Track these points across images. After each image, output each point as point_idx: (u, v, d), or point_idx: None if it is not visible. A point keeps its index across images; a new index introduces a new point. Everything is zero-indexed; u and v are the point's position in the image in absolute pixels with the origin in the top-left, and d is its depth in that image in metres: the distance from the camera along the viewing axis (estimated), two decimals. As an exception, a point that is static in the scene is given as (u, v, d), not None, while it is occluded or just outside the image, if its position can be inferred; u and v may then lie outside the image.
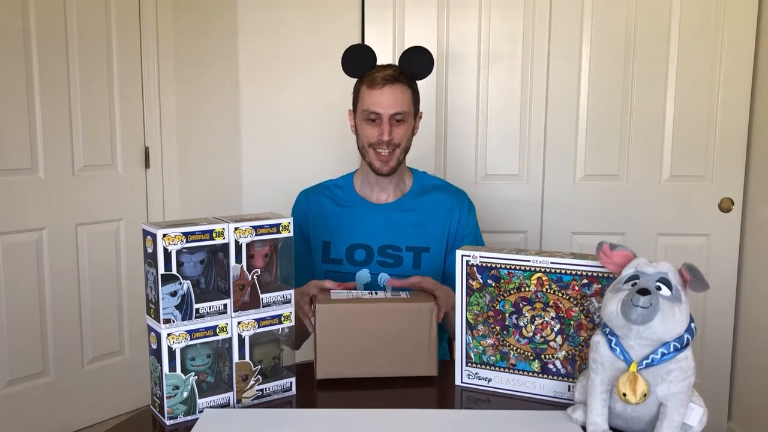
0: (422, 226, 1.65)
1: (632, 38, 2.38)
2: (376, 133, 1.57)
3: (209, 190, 2.72)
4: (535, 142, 2.45)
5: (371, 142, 1.58)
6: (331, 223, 1.65)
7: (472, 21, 2.42)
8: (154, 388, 1.19)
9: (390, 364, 1.31)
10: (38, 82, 2.39)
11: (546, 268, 1.23)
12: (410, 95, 1.60)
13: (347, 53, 1.62)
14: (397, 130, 1.57)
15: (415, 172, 1.72)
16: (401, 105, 1.56)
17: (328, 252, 1.65)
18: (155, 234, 1.11)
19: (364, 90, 1.58)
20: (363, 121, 1.59)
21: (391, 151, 1.58)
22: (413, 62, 1.62)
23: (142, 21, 2.67)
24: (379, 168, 1.59)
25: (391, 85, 1.55)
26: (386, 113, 1.55)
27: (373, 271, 1.62)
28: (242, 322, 1.20)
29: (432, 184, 1.72)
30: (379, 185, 1.66)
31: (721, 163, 2.41)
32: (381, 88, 1.55)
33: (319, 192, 1.71)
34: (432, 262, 1.64)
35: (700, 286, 1.02)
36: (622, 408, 1.06)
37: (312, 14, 2.48)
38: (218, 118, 2.64)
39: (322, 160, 2.48)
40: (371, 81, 1.56)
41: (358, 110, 1.62)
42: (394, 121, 1.56)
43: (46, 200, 2.47)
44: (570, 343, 1.23)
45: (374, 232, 1.64)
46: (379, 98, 1.55)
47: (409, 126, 1.60)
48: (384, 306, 1.32)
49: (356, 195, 1.68)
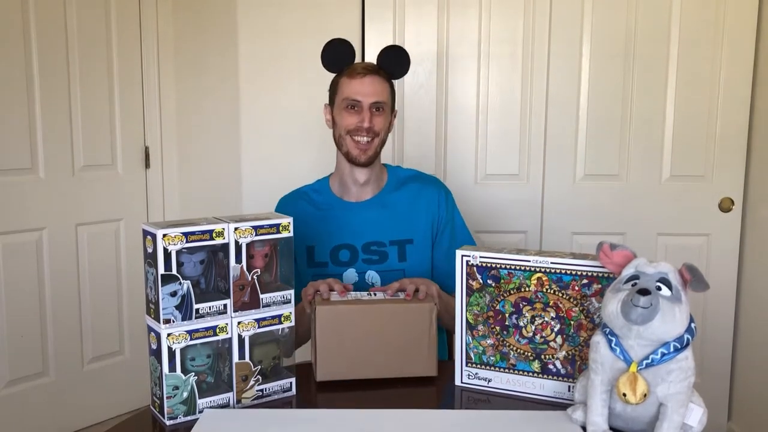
0: (403, 218, 1.66)
1: (632, 38, 2.38)
2: (356, 121, 1.57)
3: (209, 190, 2.72)
4: (535, 142, 2.45)
5: (350, 129, 1.58)
6: (312, 227, 1.64)
7: (472, 21, 2.42)
8: (154, 388, 1.19)
9: (390, 365, 1.31)
10: (38, 82, 2.39)
11: (546, 268, 1.23)
12: (389, 88, 1.62)
13: (327, 48, 1.63)
14: (376, 119, 1.58)
15: (389, 167, 1.73)
16: (381, 95, 1.58)
17: (312, 256, 1.65)
18: (155, 234, 1.11)
19: (343, 80, 1.60)
20: (342, 110, 1.59)
21: (370, 139, 1.58)
22: (391, 61, 1.64)
23: (142, 21, 2.67)
24: (357, 156, 1.59)
25: (372, 75, 1.58)
26: (366, 101, 1.57)
27: (359, 270, 1.62)
28: (242, 322, 1.20)
29: (406, 176, 1.73)
30: (356, 184, 1.66)
31: (721, 163, 2.41)
32: (362, 78, 1.57)
33: (298, 197, 1.71)
34: (417, 253, 1.65)
35: (700, 286, 1.02)
36: (622, 408, 1.06)
37: (312, 14, 2.48)
38: (218, 118, 2.64)
39: (322, 160, 2.46)
40: (352, 71, 1.59)
41: (336, 100, 1.62)
42: (374, 110, 1.58)
43: (46, 200, 2.47)
44: (570, 344, 1.23)
45: (356, 231, 1.64)
46: (359, 87, 1.57)
47: (387, 117, 1.62)
48: (383, 307, 1.32)
49: (334, 197, 1.68)
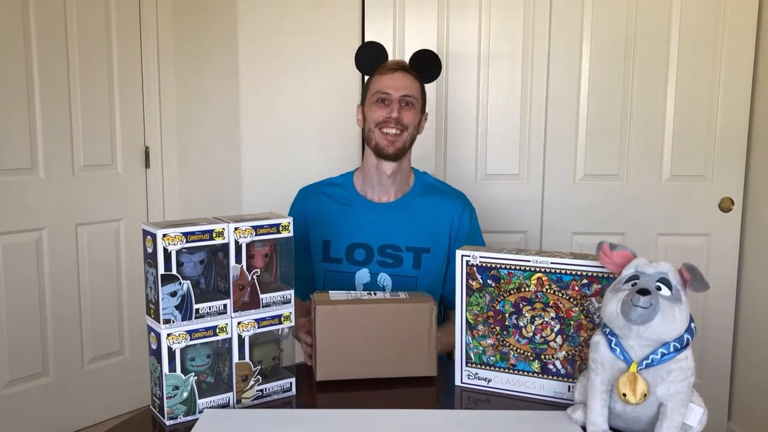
0: (423, 226, 1.64)
1: (632, 38, 2.38)
2: (385, 113, 1.59)
3: (209, 190, 2.72)
4: (535, 142, 2.45)
5: (379, 121, 1.59)
6: (331, 221, 1.65)
7: (472, 21, 2.42)
8: (154, 388, 1.19)
9: (390, 365, 1.31)
10: (38, 82, 2.39)
11: (546, 268, 1.23)
12: (419, 86, 1.64)
13: (361, 51, 1.68)
14: (405, 112, 1.59)
15: (417, 172, 1.72)
16: (410, 89, 1.60)
17: (327, 251, 1.65)
18: (155, 234, 1.11)
19: (375, 78, 1.64)
20: (372, 104, 1.62)
21: (399, 132, 1.59)
22: (423, 65, 1.67)
23: (142, 21, 2.67)
24: (385, 147, 1.59)
25: (403, 72, 1.61)
26: (396, 94, 1.59)
27: (372, 271, 1.62)
28: (242, 322, 1.20)
29: (433, 186, 1.72)
30: (381, 184, 1.65)
31: (721, 163, 2.41)
32: (393, 73, 1.61)
33: (319, 190, 1.71)
34: (432, 263, 1.64)
35: (700, 286, 1.02)
36: (622, 408, 1.06)
37: (312, 14, 2.48)
38: (218, 118, 2.64)
39: (322, 160, 2.48)
40: (383, 68, 1.63)
41: (367, 97, 1.64)
42: (404, 104, 1.60)
43: (46, 200, 2.47)
44: (570, 344, 1.23)
45: (374, 232, 1.63)
46: (389, 81, 1.60)
47: (416, 113, 1.62)
48: (383, 306, 1.32)
49: (357, 194, 1.68)
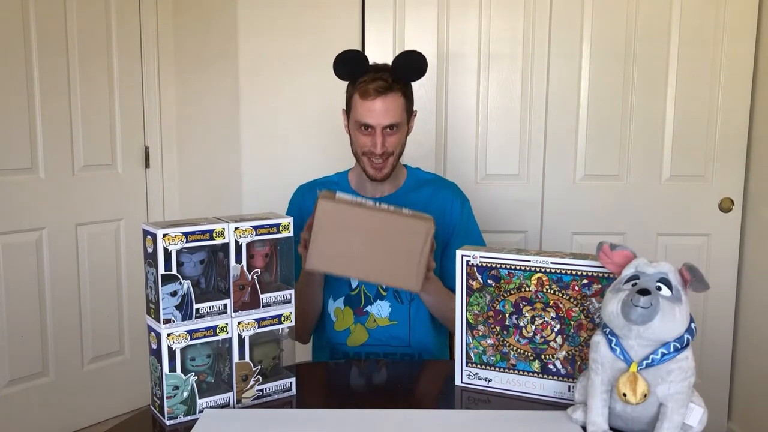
0: None
1: (632, 38, 2.38)
2: (369, 143, 1.57)
3: (209, 190, 2.72)
4: (535, 142, 2.45)
5: (364, 150, 1.60)
6: None
7: (472, 21, 2.42)
8: (154, 388, 1.19)
9: (377, 271, 1.34)
10: (38, 82, 2.39)
11: (546, 268, 1.23)
12: (403, 102, 1.58)
13: (338, 60, 1.59)
14: (390, 140, 1.58)
15: (409, 168, 1.74)
16: (393, 116, 1.56)
17: None
18: (155, 234, 1.11)
19: (356, 99, 1.57)
20: (356, 130, 1.60)
21: (385, 159, 1.59)
22: (406, 67, 1.60)
23: (142, 21, 2.67)
24: (373, 175, 1.61)
25: (383, 96, 1.54)
26: (379, 125, 1.55)
27: None
28: (242, 322, 1.20)
29: (425, 179, 1.74)
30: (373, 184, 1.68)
31: (721, 163, 2.41)
32: (373, 100, 1.54)
33: (316, 188, 1.71)
34: None
35: (700, 286, 1.02)
36: (622, 408, 1.06)
37: (312, 14, 2.48)
38: (218, 118, 2.64)
39: (322, 160, 2.48)
40: (364, 92, 1.55)
41: (351, 117, 1.62)
42: (387, 132, 1.57)
43: (46, 200, 2.47)
44: (570, 344, 1.23)
45: None
46: (371, 110, 1.55)
47: (402, 133, 1.61)
48: (384, 216, 1.34)
49: (352, 191, 1.69)
